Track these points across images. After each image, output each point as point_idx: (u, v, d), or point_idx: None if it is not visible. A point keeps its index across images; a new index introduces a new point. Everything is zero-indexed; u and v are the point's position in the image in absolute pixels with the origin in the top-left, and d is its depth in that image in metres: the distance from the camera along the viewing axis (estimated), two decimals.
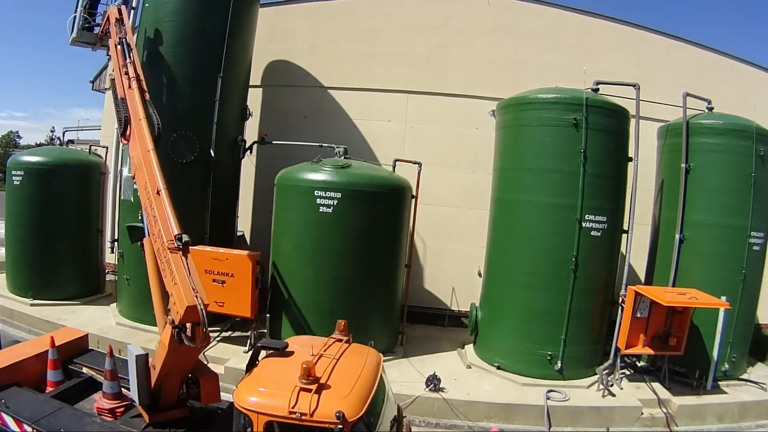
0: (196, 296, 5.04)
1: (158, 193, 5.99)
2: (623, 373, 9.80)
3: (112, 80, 8.14)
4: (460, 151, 13.32)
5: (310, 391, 4.59)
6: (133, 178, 6.71)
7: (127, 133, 7.10)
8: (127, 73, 7.70)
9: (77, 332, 7.83)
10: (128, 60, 7.96)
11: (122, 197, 10.99)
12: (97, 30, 11.24)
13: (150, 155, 6.44)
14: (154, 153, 6.45)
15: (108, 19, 9.58)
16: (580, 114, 9.26)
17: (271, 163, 11.64)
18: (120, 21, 9.01)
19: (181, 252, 5.47)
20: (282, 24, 13.86)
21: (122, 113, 7.24)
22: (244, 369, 5.58)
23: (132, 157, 6.91)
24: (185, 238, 5.50)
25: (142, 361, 5.59)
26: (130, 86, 7.49)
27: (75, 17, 11.28)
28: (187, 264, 5.40)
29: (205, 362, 6.31)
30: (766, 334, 12.63)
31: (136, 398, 5.69)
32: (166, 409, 5.77)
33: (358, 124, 13.58)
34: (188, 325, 5.09)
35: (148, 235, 6.13)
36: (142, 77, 7.68)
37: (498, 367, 9.84)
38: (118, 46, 8.38)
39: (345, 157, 10.53)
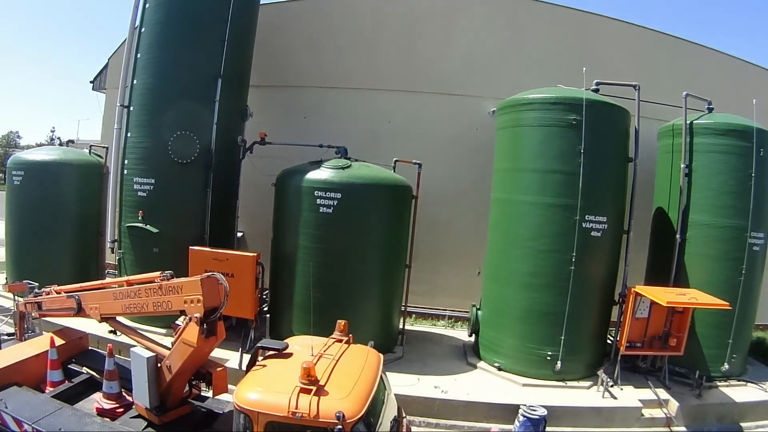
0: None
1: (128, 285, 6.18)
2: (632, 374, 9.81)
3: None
4: (460, 151, 13.31)
5: (310, 391, 4.61)
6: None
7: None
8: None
9: (77, 332, 7.84)
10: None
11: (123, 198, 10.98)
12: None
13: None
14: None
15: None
16: (580, 114, 9.25)
17: (271, 163, 11.62)
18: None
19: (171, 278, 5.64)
20: (282, 24, 13.85)
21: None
22: (244, 369, 5.59)
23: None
24: (168, 272, 5.70)
25: (153, 363, 5.61)
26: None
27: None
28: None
29: None
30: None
31: (146, 402, 5.65)
32: (172, 408, 5.80)
33: (358, 124, 13.57)
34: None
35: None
36: None
37: (498, 368, 9.85)
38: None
39: (345, 157, 10.53)
